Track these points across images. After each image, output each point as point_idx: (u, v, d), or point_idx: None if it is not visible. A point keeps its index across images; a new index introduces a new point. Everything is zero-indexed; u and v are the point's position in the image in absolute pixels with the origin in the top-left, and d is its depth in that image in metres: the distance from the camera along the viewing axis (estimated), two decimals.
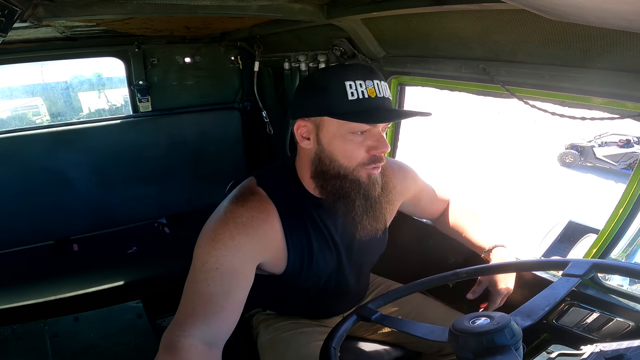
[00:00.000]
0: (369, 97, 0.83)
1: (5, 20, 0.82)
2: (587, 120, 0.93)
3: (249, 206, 0.89)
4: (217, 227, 0.86)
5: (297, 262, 0.96)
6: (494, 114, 12.13)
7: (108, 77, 3.25)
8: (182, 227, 2.39)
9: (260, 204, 0.90)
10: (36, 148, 1.93)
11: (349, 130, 0.84)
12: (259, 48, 2.05)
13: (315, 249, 0.96)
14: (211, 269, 0.83)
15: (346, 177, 0.87)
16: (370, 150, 0.85)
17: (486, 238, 1.15)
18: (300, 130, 0.89)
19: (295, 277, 0.97)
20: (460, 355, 0.64)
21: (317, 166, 0.89)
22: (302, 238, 0.95)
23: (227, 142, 2.34)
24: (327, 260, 1.00)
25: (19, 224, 1.96)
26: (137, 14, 1.13)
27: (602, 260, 0.91)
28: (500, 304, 1.06)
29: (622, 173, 8.75)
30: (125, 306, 1.85)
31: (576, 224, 3.85)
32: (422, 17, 1.12)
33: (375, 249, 1.10)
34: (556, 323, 1.07)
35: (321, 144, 0.87)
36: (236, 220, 0.86)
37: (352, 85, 0.82)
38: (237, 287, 0.85)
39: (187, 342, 0.78)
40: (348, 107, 0.82)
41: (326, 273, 1.02)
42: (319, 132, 0.87)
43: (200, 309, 0.81)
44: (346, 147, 0.85)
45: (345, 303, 1.13)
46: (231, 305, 0.84)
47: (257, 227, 0.88)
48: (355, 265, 1.07)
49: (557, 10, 0.57)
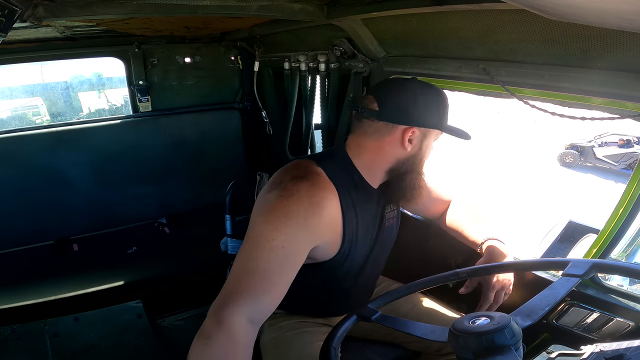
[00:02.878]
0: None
1: (5, 20, 0.82)
2: (587, 120, 0.93)
3: (320, 186, 0.90)
4: (291, 203, 0.84)
5: (347, 247, 0.98)
6: (494, 114, 12.13)
7: (108, 77, 3.26)
8: (182, 227, 2.39)
9: (326, 185, 0.92)
10: (36, 148, 1.93)
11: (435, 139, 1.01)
12: (259, 48, 2.05)
13: (360, 235, 1.00)
14: (277, 247, 0.82)
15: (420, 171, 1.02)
16: None
17: (482, 233, 1.16)
18: (409, 135, 0.95)
19: (340, 263, 0.99)
20: (460, 355, 0.64)
21: (405, 164, 0.99)
22: (353, 222, 0.97)
23: (227, 142, 2.34)
24: (366, 247, 1.04)
25: (19, 224, 1.95)
26: (137, 14, 1.13)
27: (602, 260, 0.91)
28: (498, 301, 1.06)
29: (622, 173, 8.75)
30: (125, 306, 1.85)
31: (576, 224, 3.84)
32: (422, 17, 1.12)
33: (393, 237, 1.15)
34: (556, 323, 1.07)
35: (421, 149, 0.99)
36: (311, 200, 0.87)
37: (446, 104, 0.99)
38: (294, 268, 0.85)
39: (236, 317, 0.76)
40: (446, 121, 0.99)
41: (363, 261, 1.05)
42: (423, 140, 0.98)
43: (256, 287, 0.80)
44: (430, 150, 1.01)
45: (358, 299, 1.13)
46: (284, 285, 0.83)
47: (327, 207, 0.89)
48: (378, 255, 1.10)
49: (557, 10, 0.57)
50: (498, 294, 1.06)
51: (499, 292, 1.06)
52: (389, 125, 0.94)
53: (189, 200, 2.29)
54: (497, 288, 1.05)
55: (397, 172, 0.99)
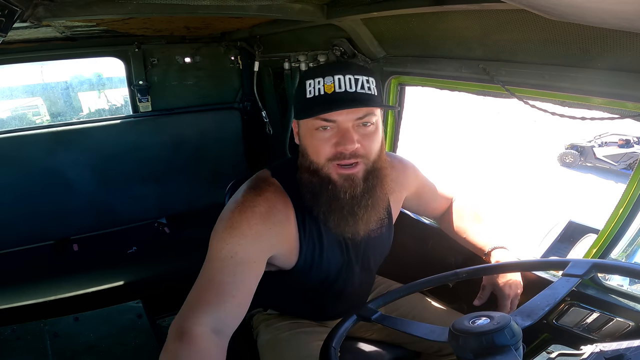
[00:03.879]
0: (325, 93, 0.84)
1: (5, 20, 0.82)
2: (587, 120, 0.93)
3: (266, 196, 0.90)
4: (234, 215, 0.87)
5: (309, 256, 0.96)
6: (494, 114, 12.13)
7: (108, 77, 3.25)
8: (182, 227, 2.39)
9: (277, 195, 0.92)
10: (36, 148, 1.93)
11: (313, 127, 0.86)
12: (259, 48, 2.05)
13: (326, 244, 0.97)
14: (226, 257, 0.84)
15: (317, 172, 0.89)
16: (335, 146, 0.86)
17: (487, 239, 1.14)
18: (295, 130, 0.95)
19: (305, 272, 0.98)
20: (460, 355, 0.64)
21: (300, 161, 0.92)
22: (313, 232, 0.95)
23: (227, 142, 2.34)
24: (337, 256, 1.00)
25: (19, 224, 1.95)
26: (137, 14, 1.13)
27: (602, 260, 0.91)
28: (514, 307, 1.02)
29: (622, 173, 8.75)
30: (125, 306, 1.85)
31: (576, 224, 3.84)
32: (422, 17, 1.12)
33: (382, 247, 1.10)
34: (556, 323, 1.06)
35: (300, 142, 0.92)
36: (254, 210, 0.87)
37: (310, 83, 0.86)
38: (249, 277, 0.86)
39: (198, 329, 0.77)
40: (305, 104, 0.86)
41: (335, 270, 1.02)
42: (299, 131, 0.92)
43: (212, 298, 0.81)
44: (313, 143, 0.88)
45: (349, 304, 1.12)
46: (242, 295, 0.84)
47: (274, 217, 0.89)
48: (363, 264, 1.07)
49: (557, 10, 0.57)
50: (513, 301, 1.03)
51: (514, 299, 1.03)
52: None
53: (189, 200, 2.29)
54: (512, 296, 1.02)
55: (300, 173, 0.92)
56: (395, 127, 1.56)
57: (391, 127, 1.55)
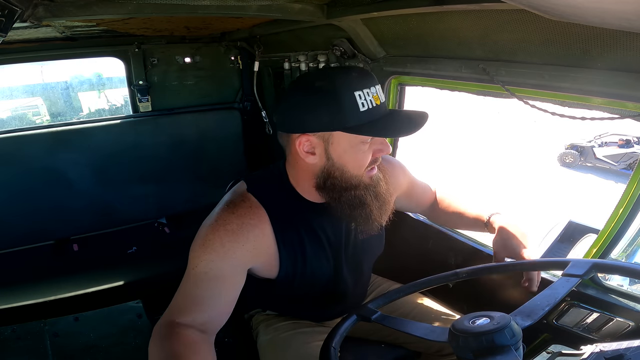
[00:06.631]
0: (376, 105, 0.81)
1: (5, 20, 0.82)
2: (587, 120, 0.93)
3: (239, 213, 0.89)
4: (208, 232, 0.87)
5: (290, 267, 0.95)
6: (494, 114, 12.13)
7: (108, 77, 3.26)
8: (182, 227, 2.39)
9: (250, 210, 0.90)
10: (36, 148, 1.93)
11: (361, 141, 0.83)
12: (259, 48, 2.05)
13: (309, 253, 0.96)
14: (200, 272, 0.85)
15: (358, 186, 0.87)
16: (376, 153, 0.86)
17: (480, 211, 1.13)
18: (303, 146, 0.85)
19: (289, 282, 0.97)
20: (460, 355, 0.64)
21: (326, 180, 0.87)
22: (294, 243, 0.94)
23: (227, 142, 2.34)
24: (323, 264, 0.99)
25: (19, 224, 1.95)
26: (137, 14, 1.13)
27: (602, 260, 0.91)
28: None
29: (622, 173, 8.75)
30: (125, 306, 1.85)
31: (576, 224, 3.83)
32: (422, 17, 1.12)
33: (374, 249, 1.10)
34: (556, 323, 1.07)
35: (331, 159, 0.85)
36: (226, 227, 0.87)
37: (361, 95, 0.79)
38: (225, 291, 0.87)
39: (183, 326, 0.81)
40: (362, 119, 0.79)
41: (323, 278, 1.01)
42: (328, 147, 0.84)
43: (191, 307, 0.84)
44: (357, 157, 0.84)
45: (344, 305, 1.12)
46: (220, 306, 0.87)
47: (247, 233, 0.88)
48: (354, 268, 1.06)
49: (557, 10, 0.57)
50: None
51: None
52: (286, 135, 0.88)
53: (189, 200, 2.29)
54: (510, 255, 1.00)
55: (325, 188, 0.88)
56: None
57: None
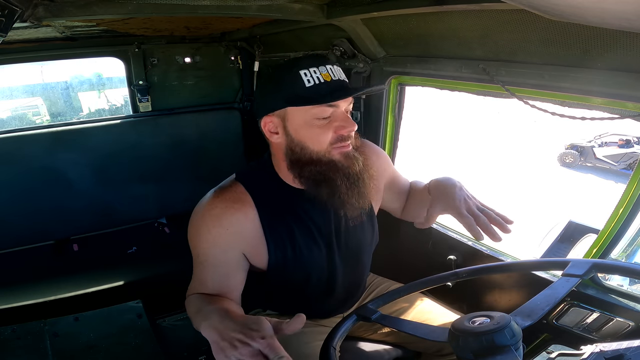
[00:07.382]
0: (325, 81, 0.87)
1: (5, 20, 0.82)
2: (587, 120, 0.93)
3: (224, 197, 0.93)
4: (196, 220, 0.93)
5: (280, 256, 0.96)
6: (494, 114, 12.13)
7: (108, 77, 3.25)
8: (182, 227, 2.37)
9: (235, 195, 0.94)
10: (36, 148, 1.93)
11: (314, 116, 0.87)
12: (259, 48, 2.05)
13: (299, 242, 0.97)
14: (202, 261, 0.92)
15: (320, 160, 0.89)
16: (338, 130, 0.89)
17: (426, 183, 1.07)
18: (268, 127, 0.92)
19: (280, 272, 0.98)
20: (460, 355, 0.64)
21: (291, 156, 0.91)
22: (282, 232, 0.95)
23: (227, 142, 2.34)
24: (315, 253, 1.00)
25: (19, 224, 1.95)
26: (137, 14, 1.13)
27: (602, 260, 0.91)
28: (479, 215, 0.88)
29: (622, 173, 8.75)
30: (125, 306, 1.85)
31: (576, 224, 3.83)
32: (422, 17, 1.12)
33: (367, 237, 1.08)
34: (556, 323, 1.07)
35: (290, 135, 0.90)
36: (211, 212, 0.91)
37: (306, 73, 0.86)
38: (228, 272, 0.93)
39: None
40: (307, 93, 0.85)
41: (316, 267, 1.02)
42: (285, 124, 0.90)
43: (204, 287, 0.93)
44: (313, 132, 0.88)
45: (342, 297, 1.12)
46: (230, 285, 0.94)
47: (230, 216, 0.91)
48: (348, 256, 1.05)
49: (557, 10, 0.57)
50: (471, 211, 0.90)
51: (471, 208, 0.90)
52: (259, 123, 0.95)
53: (189, 200, 2.27)
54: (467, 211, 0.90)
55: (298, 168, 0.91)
56: (395, 127, 1.56)
57: (391, 127, 1.55)
